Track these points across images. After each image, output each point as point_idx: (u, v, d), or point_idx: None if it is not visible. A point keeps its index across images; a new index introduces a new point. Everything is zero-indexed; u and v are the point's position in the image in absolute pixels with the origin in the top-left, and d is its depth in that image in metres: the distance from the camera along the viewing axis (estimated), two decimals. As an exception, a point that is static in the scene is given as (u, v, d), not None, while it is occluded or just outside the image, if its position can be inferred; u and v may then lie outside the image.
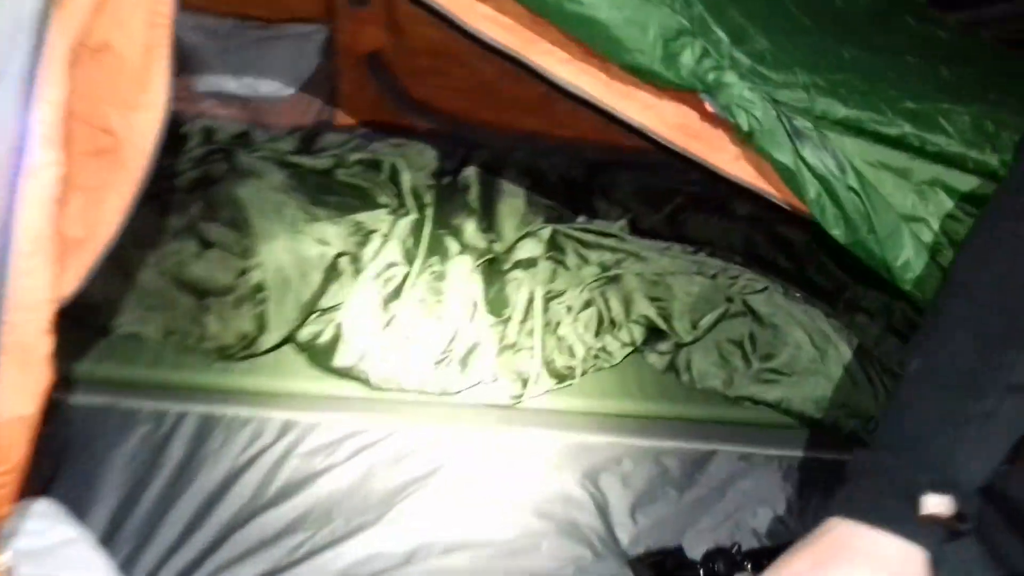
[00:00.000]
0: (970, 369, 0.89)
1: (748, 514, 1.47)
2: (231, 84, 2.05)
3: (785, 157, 1.17)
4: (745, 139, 1.18)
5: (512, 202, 1.87)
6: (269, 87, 2.06)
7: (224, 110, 1.99)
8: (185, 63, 2.02)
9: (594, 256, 1.72)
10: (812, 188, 1.19)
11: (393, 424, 1.50)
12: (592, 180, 2.10)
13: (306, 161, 1.77)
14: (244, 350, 1.51)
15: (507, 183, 1.92)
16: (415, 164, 1.86)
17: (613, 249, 1.73)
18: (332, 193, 1.69)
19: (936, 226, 1.25)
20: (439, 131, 2.12)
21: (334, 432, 1.48)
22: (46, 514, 1.22)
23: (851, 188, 1.20)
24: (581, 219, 1.88)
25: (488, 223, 1.78)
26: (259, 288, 1.49)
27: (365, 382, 1.50)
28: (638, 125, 1.21)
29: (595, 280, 1.66)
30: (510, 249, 1.72)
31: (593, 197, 1.99)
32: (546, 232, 1.71)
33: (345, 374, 1.51)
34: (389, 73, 2.07)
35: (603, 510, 1.43)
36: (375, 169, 1.82)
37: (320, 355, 1.52)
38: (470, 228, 1.71)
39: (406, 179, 1.79)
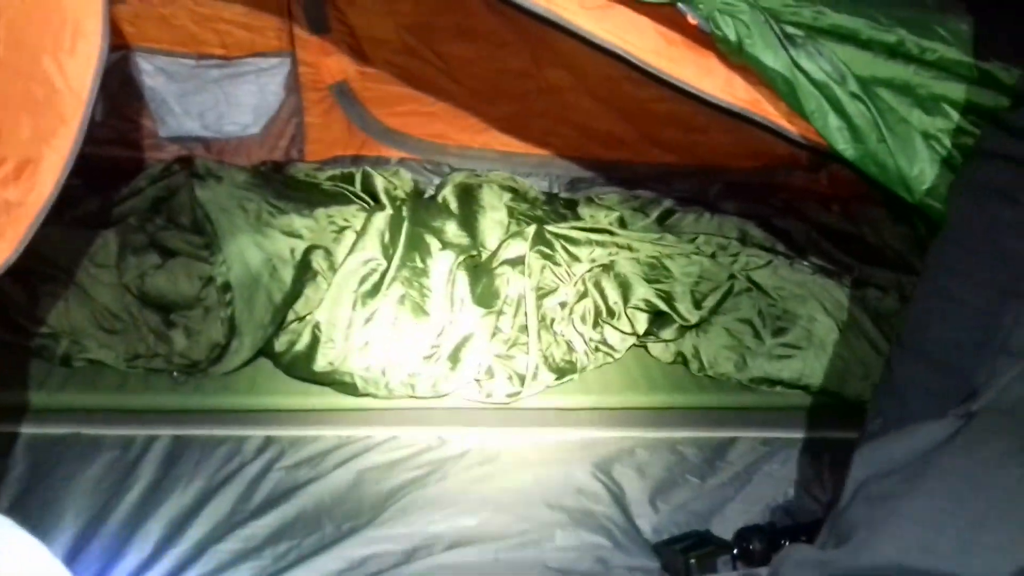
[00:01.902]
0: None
1: (779, 495, 1.34)
2: (194, 126, 1.98)
3: (779, 65, 1.09)
4: (734, 52, 1.10)
5: (495, 215, 1.78)
6: (234, 126, 1.99)
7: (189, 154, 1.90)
8: (144, 110, 1.97)
9: (584, 252, 1.62)
10: (812, 99, 1.11)
11: (384, 432, 1.38)
12: (575, 193, 2.02)
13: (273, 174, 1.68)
14: (216, 362, 1.39)
15: (488, 198, 1.83)
16: (391, 183, 1.78)
17: (603, 243, 1.63)
18: (299, 191, 1.60)
19: (948, 141, 1.16)
20: (415, 158, 2.06)
21: (320, 444, 1.36)
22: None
23: (854, 95, 1.12)
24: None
25: (470, 233, 1.68)
26: (226, 289, 1.38)
27: (350, 386, 1.38)
28: (614, 48, 1.13)
29: (588, 270, 1.55)
30: (496, 252, 1.62)
31: (578, 206, 1.90)
32: (531, 230, 1.61)
33: (327, 380, 1.39)
34: (358, 103, 2.01)
35: (620, 500, 1.30)
36: (347, 181, 1.73)
37: (299, 363, 1.40)
38: (451, 228, 1.61)
39: (379, 182, 1.70)
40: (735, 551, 1.17)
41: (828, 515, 0.97)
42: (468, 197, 1.84)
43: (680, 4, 1.07)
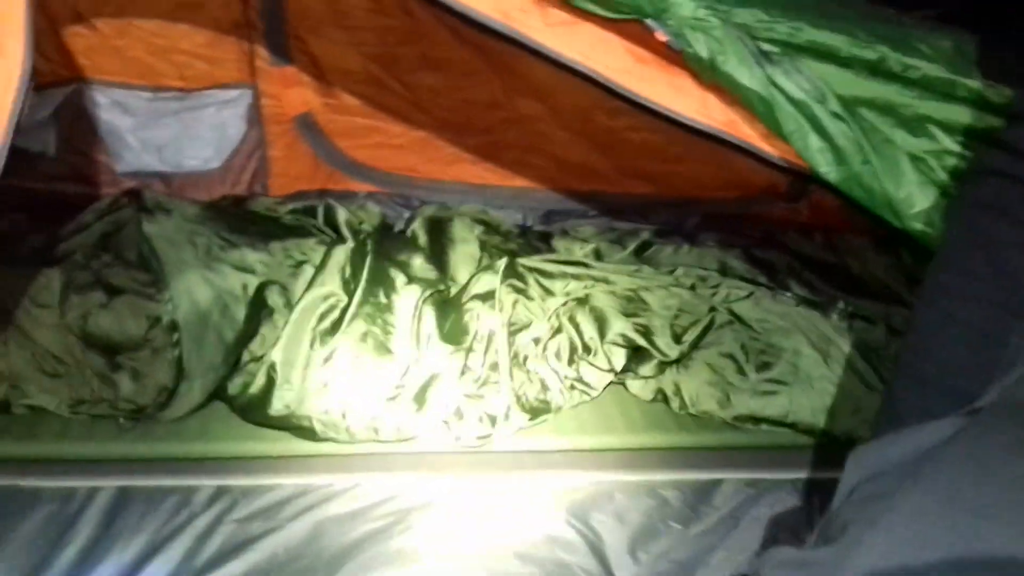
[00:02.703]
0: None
1: (767, 541, 1.25)
2: (152, 161, 1.90)
3: (755, 83, 1.03)
4: (707, 71, 1.04)
5: (466, 249, 1.71)
6: (194, 161, 1.91)
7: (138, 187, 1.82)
8: (101, 145, 1.89)
9: (558, 286, 1.55)
10: (791, 119, 1.05)
11: (345, 480, 1.29)
12: (549, 226, 1.96)
13: (230, 208, 1.59)
14: (165, 407, 1.30)
15: (459, 231, 1.75)
16: (355, 216, 1.70)
17: (578, 277, 1.56)
18: (254, 223, 1.52)
19: (934, 163, 1.10)
20: (383, 191, 1.98)
21: (276, 494, 1.27)
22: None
23: (835, 114, 1.06)
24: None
25: (439, 267, 1.60)
26: (173, 328, 1.29)
27: (308, 431, 1.30)
28: (581, 68, 1.06)
29: (563, 304, 1.48)
30: (465, 286, 1.54)
31: (552, 239, 1.83)
32: (502, 263, 1.54)
33: (284, 424, 1.30)
34: (323, 135, 1.94)
35: (597, 549, 1.22)
36: (310, 215, 1.66)
37: (254, 407, 1.31)
38: (418, 262, 1.53)
39: (342, 215, 1.63)
40: (723, 604, 1.09)
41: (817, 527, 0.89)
42: (438, 231, 1.77)
43: (648, 20, 1.01)
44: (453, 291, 1.57)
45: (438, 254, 1.67)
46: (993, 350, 0.90)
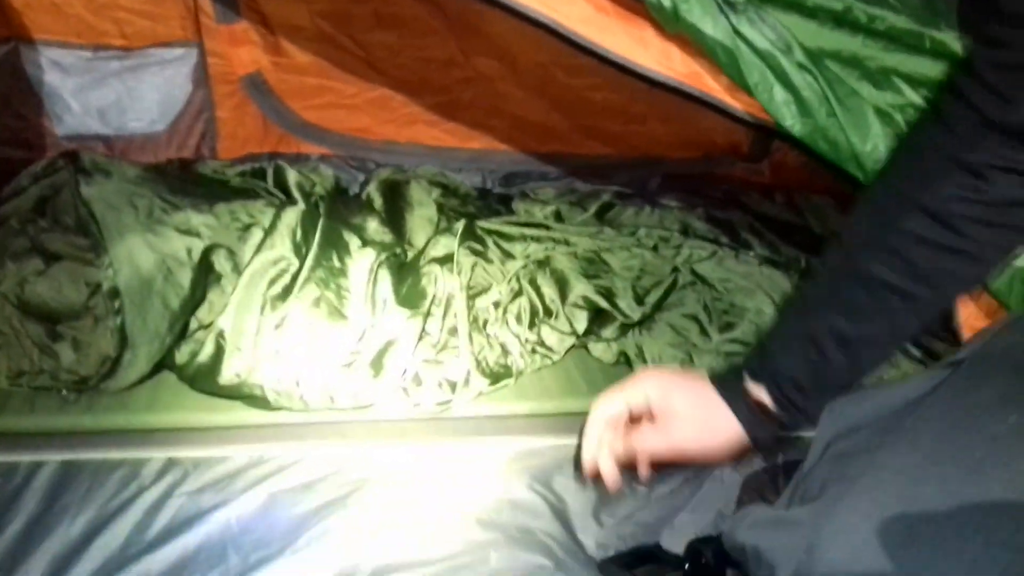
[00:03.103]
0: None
1: (732, 502, 1.23)
2: (94, 124, 1.83)
3: (719, 33, 1.00)
4: (670, 21, 1.00)
5: (423, 212, 1.67)
6: (138, 123, 1.84)
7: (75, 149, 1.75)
8: (40, 107, 1.81)
9: (518, 248, 1.51)
10: (755, 70, 1.02)
11: (299, 449, 1.25)
12: (509, 188, 1.92)
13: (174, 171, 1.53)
14: (108, 377, 1.25)
15: (416, 194, 1.71)
16: (308, 179, 1.65)
17: (539, 239, 1.53)
18: (199, 185, 1.46)
19: (899, 117, 1.07)
20: (336, 154, 1.93)
21: (227, 466, 1.22)
22: None
23: (801, 65, 1.03)
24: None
25: (396, 230, 1.56)
26: (114, 295, 1.23)
27: (260, 400, 1.25)
28: (536, 16, 1.02)
29: (523, 266, 1.44)
30: (422, 250, 1.50)
31: (512, 201, 1.80)
32: (460, 225, 1.50)
33: (235, 393, 1.26)
34: (273, 96, 1.88)
35: (561, 514, 1.19)
36: (259, 177, 1.60)
37: (203, 376, 1.26)
38: (373, 225, 1.48)
39: (292, 176, 1.57)
40: (687, 566, 1.07)
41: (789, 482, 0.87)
42: (394, 194, 1.72)
43: (609, -34, 0.97)
44: (410, 255, 1.53)
45: (394, 217, 1.62)
46: None
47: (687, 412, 0.96)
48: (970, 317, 1.09)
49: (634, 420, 1.00)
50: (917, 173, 0.90)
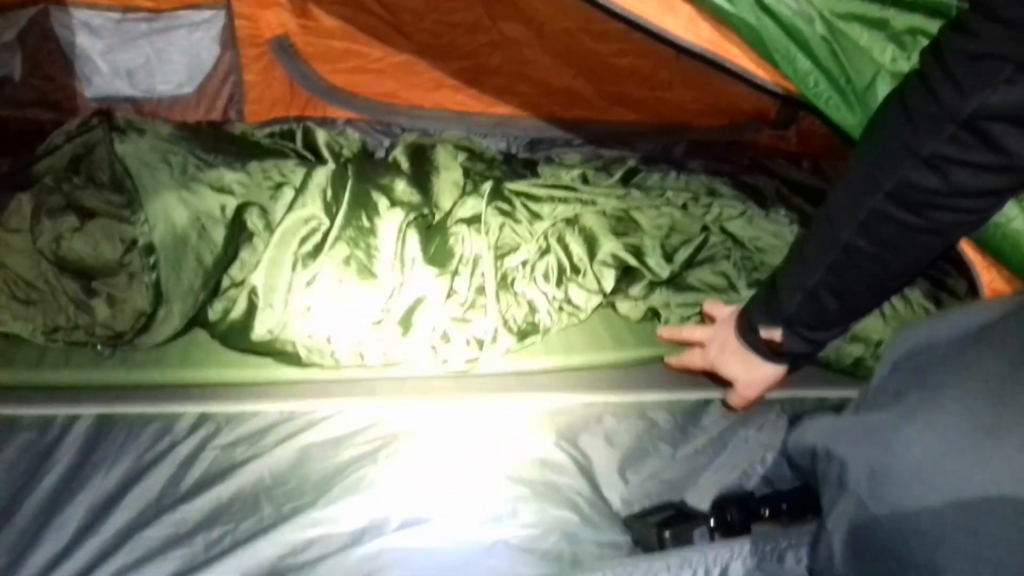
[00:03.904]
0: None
1: (756, 462, 1.25)
2: (123, 86, 1.84)
3: (743, 11, 1.00)
4: None
5: (449, 176, 1.66)
6: (166, 85, 1.85)
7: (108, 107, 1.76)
8: (68, 68, 1.82)
9: (546, 209, 1.51)
10: (778, 43, 1.02)
11: (330, 406, 1.27)
12: (534, 154, 1.92)
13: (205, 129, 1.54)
14: (143, 333, 1.27)
15: (442, 158, 1.71)
16: (336, 141, 1.65)
17: (566, 200, 1.53)
18: (231, 144, 1.47)
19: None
20: (363, 119, 1.94)
21: (259, 421, 1.24)
22: None
23: (823, 38, 1.03)
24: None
25: (423, 192, 1.56)
26: (149, 251, 1.25)
27: (292, 356, 1.27)
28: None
29: (551, 225, 1.45)
30: (450, 211, 1.50)
31: (538, 166, 1.80)
32: (488, 186, 1.50)
33: (267, 350, 1.27)
34: (300, 59, 1.88)
35: (587, 471, 1.20)
36: (287, 138, 1.61)
37: (235, 333, 1.28)
38: (400, 186, 1.48)
39: (322, 137, 1.58)
40: (711, 522, 1.08)
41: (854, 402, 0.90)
42: (420, 157, 1.72)
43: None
44: (437, 217, 1.54)
45: (421, 181, 1.62)
46: None
47: (736, 375, 1.26)
48: (993, 281, 1.09)
49: None
50: (882, 158, 0.97)
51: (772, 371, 1.23)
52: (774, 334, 1.18)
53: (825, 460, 0.83)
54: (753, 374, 1.24)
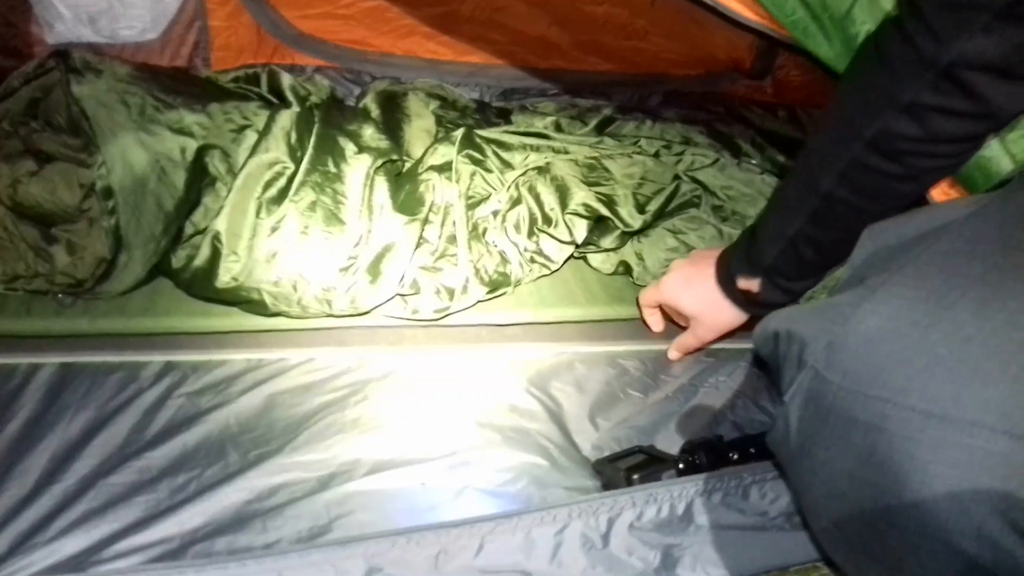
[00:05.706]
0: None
1: (726, 408, 1.25)
2: (85, 32, 1.79)
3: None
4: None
5: (420, 123, 1.63)
6: (129, 31, 1.80)
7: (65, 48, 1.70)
8: (29, 13, 1.77)
9: (518, 157, 1.48)
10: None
11: (297, 354, 1.25)
12: (508, 102, 1.89)
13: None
14: (104, 280, 1.24)
15: (414, 105, 1.68)
16: (303, 87, 1.61)
17: (538, 148, 1.50)
18: (193, 86, 1.43)
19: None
20: (332, 66, 1.90)
21: (226, 369, 1.22)
22: None
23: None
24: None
25: (393, 140, 1.53)
26: (108, 195, 1.22)
27: (258, 304, 1.24)
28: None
29: (522, 173, 1.43)
30: (420, 158, 1.48)
31: (511, 114, 1.77)
32: (459, 134, 1.48)
33: (232, 298, 1.25)
34: (267, 4, 1.84)
35: (557, 417, 1.20)
36: (252, 82, 1.57)
37: (199, 281, 1.26)
38: (368, 132, 1.45)
39: (286, 80, 1.54)
40: (680, 465, 1.08)
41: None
42: (391, 105, 1.69)
43: None
44: (407, 165, 1.51)
45: (391, 128, 1.60)
46: None
47: (699, 313, 1.27)
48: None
49: None
50: (861, 106, 0.97)
51: (736, 317, 1.24)
52: (752, 284, 1.18)
53: (786, 341, 0.83)
54: (718, 319, 1.24)
